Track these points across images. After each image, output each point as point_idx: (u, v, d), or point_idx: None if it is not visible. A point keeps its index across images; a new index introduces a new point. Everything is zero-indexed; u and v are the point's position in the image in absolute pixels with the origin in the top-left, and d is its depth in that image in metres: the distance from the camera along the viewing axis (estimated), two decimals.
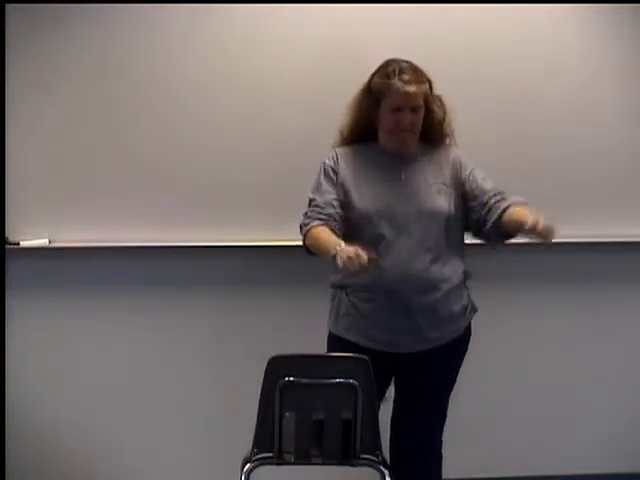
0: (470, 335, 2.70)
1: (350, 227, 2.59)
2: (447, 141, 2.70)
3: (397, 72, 2.55)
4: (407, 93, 2.53)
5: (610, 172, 3.30)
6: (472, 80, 3.18)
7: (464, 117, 3.07)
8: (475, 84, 3.19)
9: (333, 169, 2.64)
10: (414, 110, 2.56)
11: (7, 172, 3.04)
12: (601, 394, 3.41)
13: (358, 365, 2.36)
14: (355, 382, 2.35)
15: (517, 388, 3.36)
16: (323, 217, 2.56)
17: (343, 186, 2.61)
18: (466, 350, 2.71)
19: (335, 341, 2.64)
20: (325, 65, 3.11)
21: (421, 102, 2.57)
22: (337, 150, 2.69)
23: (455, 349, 2.66)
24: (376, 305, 2.55)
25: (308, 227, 2.56)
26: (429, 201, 2.58)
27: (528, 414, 3.38)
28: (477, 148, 3.01)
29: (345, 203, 2.59)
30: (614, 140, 3.29)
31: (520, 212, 2.48)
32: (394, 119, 2.56)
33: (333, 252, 2.35)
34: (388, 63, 2.59)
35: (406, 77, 2.54)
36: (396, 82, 2.53)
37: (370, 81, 2.62)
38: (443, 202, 2.59)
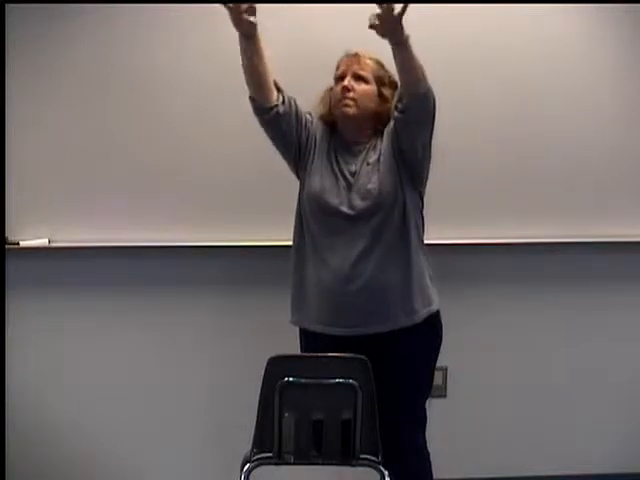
0: (433, 334, 2.61)
1: (299, 208, 2.62)
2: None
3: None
4: (349, 57, 2.57)
5: (610, 172, 3.30)
6: (471, 81, 3.18)
7: (465, 118, 3.09)
8: (475, 85, 3.19)
9: (309, 121, 2.63)
10: (359, 79, 2.55)
11: (7, 172, 3.05)
12: (601, 394, 3.40)
13: (357, 365, 2.36)
14: (354, 382, 2.35)
15: (517, 388, 3.36)
16: None
17: (307, 148, 2.61)
18: (429, 349, 2.61)
19: (300, 334, 2.67)
20: (325, 65, 3.11)
21: (367, 74, 2.55)
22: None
23: (412, 344, 2.56)
24: (318, 291, 2.55)
25: None
26: (372, 185, 2.52)
27: (528, 414, 3.37)
28: (477, 148, 3.02)
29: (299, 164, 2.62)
30: (614, 140, 3.29)
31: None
32: (339, 87, 2.56)
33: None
34: None
35: (355, 50, 2.58)
36: (344, 56, 2.60)
37: None
38: (385, 183, 2.52)
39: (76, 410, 3.23)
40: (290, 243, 3.07)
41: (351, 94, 2.54)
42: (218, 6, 3.10)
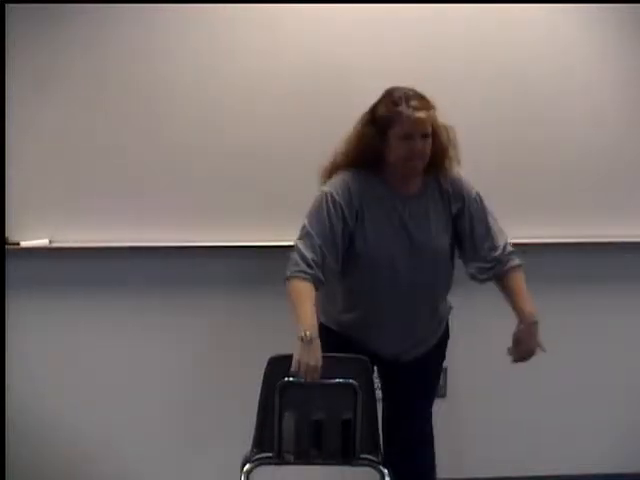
0: (448, 335, 2.74)
1: (347, 265, 2.55)
2: (446, 164, 2.61)
3: (404, 99, 2.47)
4: (418, 119, 2.45)
5: (611, 172, 3.30)
6: (471, 82, 3.18)
7: (464, 120, 3.07)
8: (474, 86, 3.19)
9: (346, 202, 2.52)
10: (424, 137, 2.48)
11: (7, 172, 3.04)
12: (601, 394, 3.40)
13: (358, 365, 2.37)
14: (355, 382, 2.35)
15: (517, 388, 3.36)
16: (312, 268, 2.46)
17: (352, 225, 2.53)
18: (446, 344, 2.73)
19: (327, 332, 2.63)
20: (323, 66, 3.11)
21: (430, 129, 2.49)
22: (344, 178, 2.56)
23: (437, 353, 2.70)
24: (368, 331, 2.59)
25: (293, 275, 2.48)
26: (432, 245, 2.55)
27: (527, 414, 3.37)
28: (478, 150, 3.01)
29: (347, 241, 2.53)
30: (615, 141, 3.29)
31: (521, 302, 2.62)
32: (406, 147, 2.47)
33: (299, 334, 2.31)
34: (392, 91, 2.51)
35: (414, 103, 2.46)
36: (405, 109, 2.45)
37: (373, 111, 2.53)
38: (444, 243, 2.58)
39: (76, 410, 3.23)
40: (289, 243, 3.08)
41: (420, 155, 2.50)
42: (217, 6, 3.12)
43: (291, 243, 3.09)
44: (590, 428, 3.41)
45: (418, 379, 2.65)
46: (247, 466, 2.43)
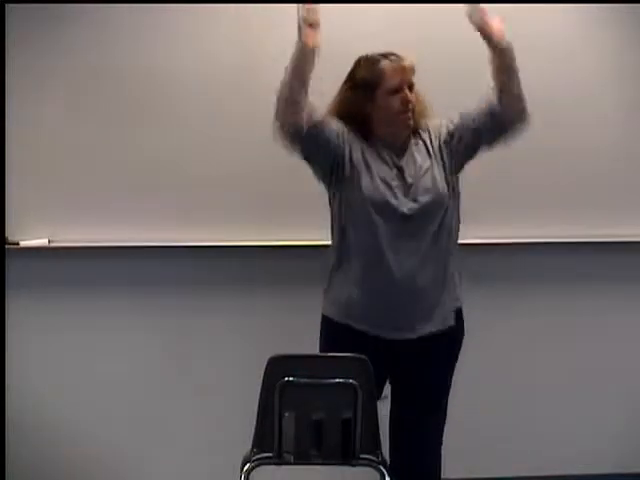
0: (463, 331, 2.63)
1: (344, 213, 2.51)
2: (423, 122, 2.59)
3: (381, 56, 2.51)
4: (403, 67, 2.48)
5: (611, 172, 3.30)
6: (471, 82, 3.17)
7: None
8: (475, 85, 3.17)
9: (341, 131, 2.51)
10: (410, 88, 2.50)
11: (7, 172, 3.05)
12: (601, 394, 3.40)
13: (357, 365, 2.36)
14: (355, 382, 2.35)
15: (517, 388, 3.36)
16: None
17: (342, 150, 2.49)
18: (459, 348, 2.63)
19: (329, 325, 2.60)
20: (323, 66, 3.10)
21: (413, 80, 2.51)
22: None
23: (447, 343, 2.59)
24: (369, 296, 2.52)
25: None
26: (426, 189, 2.49)
27: (528, 414, 3.38)
28: None
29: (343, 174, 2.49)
30: (615, 140, 3.29)
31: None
32: (398, 100, 2.48)
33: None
34: (364, 56, 2.54)
35: (393, 57, 2.50)
36: (388, 63, 2.49)
37: (352, 77, 2.54)
38: (440, 184, 2.50)
39: (76, 410, 3.23)
40: (289, 243, 3.09)
41: (411, 106, 2.50)
42: (216, 6, 3.12)
43: (289, 243, 3.11)
44: (590, 428, 3.41)
45: (429, 376, 2.60)
46: (247, 466, 2.43)
